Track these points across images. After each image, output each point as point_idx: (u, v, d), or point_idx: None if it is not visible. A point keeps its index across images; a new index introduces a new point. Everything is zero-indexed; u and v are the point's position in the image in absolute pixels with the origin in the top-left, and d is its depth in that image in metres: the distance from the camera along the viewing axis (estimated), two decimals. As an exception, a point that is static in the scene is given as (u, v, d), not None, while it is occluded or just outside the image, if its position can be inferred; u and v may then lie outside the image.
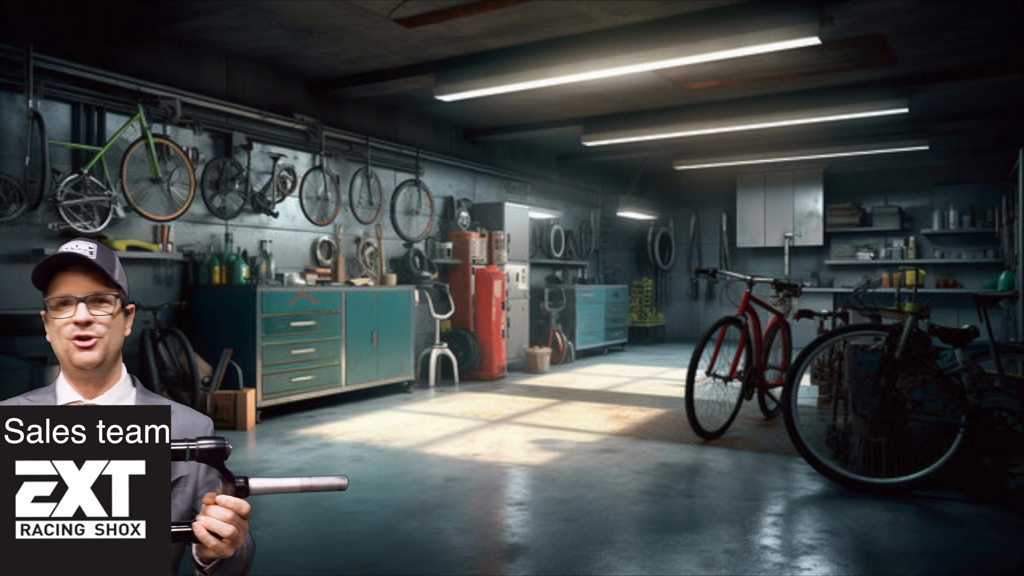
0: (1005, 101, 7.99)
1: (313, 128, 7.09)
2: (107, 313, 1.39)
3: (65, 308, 1.37)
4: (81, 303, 1.37)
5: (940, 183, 11.70)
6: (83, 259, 1.37)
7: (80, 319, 1.36)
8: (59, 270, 1.38)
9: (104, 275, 1.39)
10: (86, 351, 1.37)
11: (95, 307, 1.38)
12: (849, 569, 3.14)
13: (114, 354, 1.42)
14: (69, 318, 1.36)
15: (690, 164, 11.03)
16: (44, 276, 1.38)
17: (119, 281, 1.43)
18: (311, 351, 6.37)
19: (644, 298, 13.30)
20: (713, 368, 5.64)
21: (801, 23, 5.05)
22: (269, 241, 6.74)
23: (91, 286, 1.38)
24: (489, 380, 8.54)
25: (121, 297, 1.43)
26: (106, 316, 1.39)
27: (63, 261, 1.37)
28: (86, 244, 1.39)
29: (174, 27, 5.72)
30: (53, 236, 5.17)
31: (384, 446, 5.23)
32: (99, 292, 1.39)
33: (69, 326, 1.36)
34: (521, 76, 6.19)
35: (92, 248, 1.39)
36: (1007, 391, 4.01)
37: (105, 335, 1.39)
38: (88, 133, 5.43)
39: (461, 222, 9.11)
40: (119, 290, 1.42)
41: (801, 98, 7.59)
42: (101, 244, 1.42)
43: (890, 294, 10.70)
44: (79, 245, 1.38)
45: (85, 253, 1.37)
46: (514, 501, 4.11)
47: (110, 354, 1.40)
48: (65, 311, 1.37)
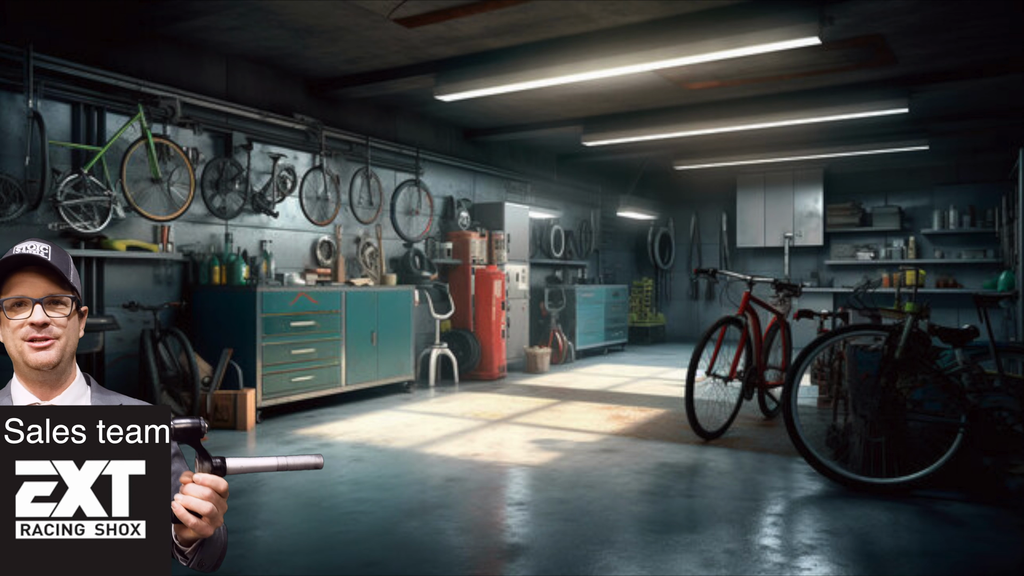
0: (1005, 101, 7.99)
1: (313, 128, 7.09)
2: (63, 315, 1.39)
3: (20, 309, 1.36)
4: (37, 304, 1.36)
5: (940, 183, 11.70)
6: (39, 260, 1.36)
7: (36, 320, 1.35)
8: (14, 271, 1.37)
9: (60, 276, 1.38)
10: (42, 351, 1.36)
11: (51, 308, 1.37)
12: (849, 569, 3.14)
13: (70, 355, 1.41)
14: (25, 319, 1.35)
15: (690, 164, 11.03)
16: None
17: (74, 283, 1.42)
18: (311, 351, 6.37)
19: (644, 298, 13.31)
20: (713, 368, 5.64)
21: (801, 23, 5.05)
22: (269, 241, 6.74)
23: (47, 287, 1.37)
24: (489, 380, 8.53)
25: (76, 299, 1.42)
26: (62, 318, 1.38)
27: (18, 262, 1.36)
28: (41, 245, 1.38)
29: (174, 27, 5.72)
30: (53, 236, 5.17)
31: (384, 446, 5.23)
32: (55, 294, 1.38)
33: (24, 327, 1.35)
34: (521, 76, 6.19)
35: (47, 249, 1.38)
36: (1007, 391, 4.01)
37: (62, 336, 1.38)
38: (88, 133, 5.43)
39: (461, 222, 9.11)
40: (74, 292, 1.41)
41: (801, 98, 7.58)
42: (55, 245, 1.42)
43: (890, 294, 10.69)
44: (34, 246, 1.37)
45: (40, 254, 1.36)
46: (514, 501, 4.11)
47: (66, 355, 1.39)
48: (20, 312, 1.36)
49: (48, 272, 1.38)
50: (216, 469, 1.21)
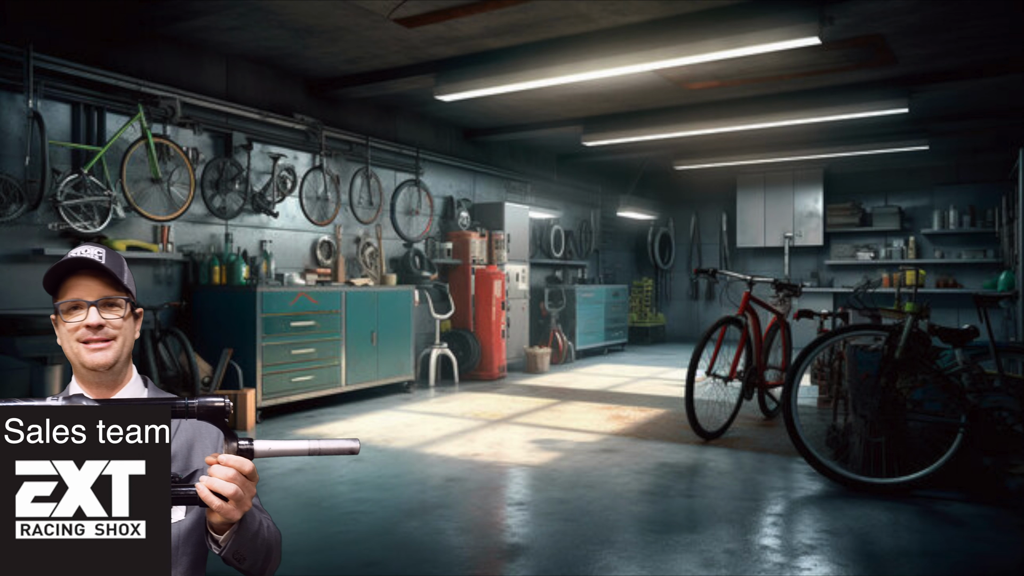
0: (1005, 101, 7.99)
1: (313, 128, 7.09)
2: (118, 316, 1.42)
3: (76, 312, 1.40)
4: (92, 307, 1.39)
5: (940, 183, 11.69)
6: (93, 263, 1.39)
7: (91, 323, 1.38)
8: (69, 274, 1.41)
9: (114, 279, 1.41)
10: (98, 352, 1.39)
11: (105, 311, 1.40)
12: (849, 569, 3.14)
13: (125, 356, 1.44)
14: (80, 322, 1.39)
15: (690, 164, 11.03)
16: (54, 281, 1.41)
17: (128, 285, 1.45)
18: (311, 351, 6.37)
19: (644, 298, 13.30)
20: (713, 368, 5.64)
21: (801, 23, 5.05)
22: (269, 241, 6.74)
23: (101, 290, 1.40)
24: (489, 380, 8.53)
25: (130, 300, 1.45)
26: (117, 319, 1.41)
27: (73, 266, 1.39)
28: (95, 249, 1.42)
29: (174, 27, 5.72)
30: (53, 236, 5.17)
31: (384, 446, 5.23)
32: (109, 296, 1.41)
33: (80, 330, 1.39)
34: (521, 76, 6.19)
35: (101, 252, 1.42)
36: (1007, 391, 4.01)
37: (117, 337, 1.41)
38: (88, 133, 5.43)
39: (461, 222, 9.11)
40: (128, 294, 1.45)
41: (801, 98, 7.58)
42: (110, 248, 1.46)
43: (890, 294, 10.69)
44: (88, 250, 1.41)
45: (94, 257, 1.39)
46: (514, 501, 4.11)
47: (122, 356, 1.43)
48: (76, 315, 1.39)
49: (102, 275, 1.41)
50: (242, 451, 1.20)
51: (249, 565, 1.32)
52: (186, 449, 1.42)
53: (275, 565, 1.41)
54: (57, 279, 1.40)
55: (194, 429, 1.43)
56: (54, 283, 1.41)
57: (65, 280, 1.41)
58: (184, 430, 1.43)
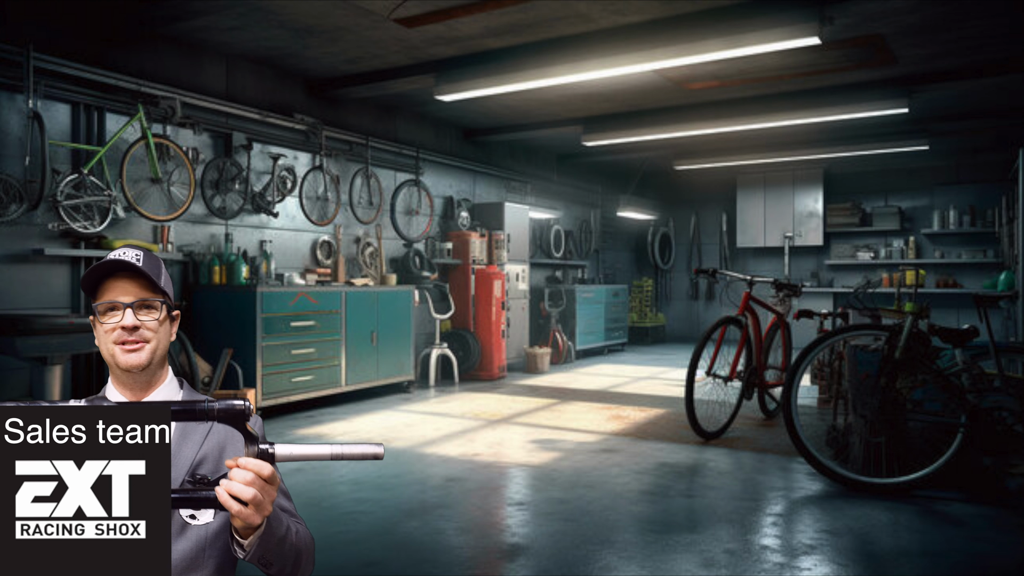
0: (1005, 101, 7.99)
1: (313, 128, 7.09)
2: (154, 319, 1.43)
3: (113, 313, 1.42)
4: (128, 309, 1.41)
5: (940, 183, 11.69)
6: (130, 266, 1.41)
7: (127, 324, 1.40)
8: (107, 276, 1.42)
9: (151, 281, 1.43)
10: (132, 353, 1.41)
11: (142, 312, 1.42)
12: (849, 569, 3.14)
13: (160, 358, 1.45)
14: (116, 323, 1.40)
15: (690, 164, 11.02)
16: (93, 282, 1.42)
17: (165, 287, 1.46)
18: (311, 351, 6.37)
19: (644, 298, 13.30)
20: (713, 368, 5.64)
21: (801, 23, 5.05)
22: (269, 241, 6.73)
23: (138, 292, 1.42)
24: (489, 380, 8.53)
25: (167, 303, 1.47)
26: (153, 321, 1.43)
27: (111, 267, 1.41)
28: (133, 251, 1.43)
29: (174, 27, 5.72)
30: (53, 236, 5.17)
31: (384, 446, 5.22)
32: (146, 298, 1.42)
33: (116, 331, 1.40)
34: (521, 76, 6.19)
35: (139, 255, 1.43)
36: (1007, 391, 4.01)
37: (152, 339, 1.43)
38: (88, 133, 5.43)
39: (461, 222, 9.11)
40: (165, 296, 1.46)
41: (801, 98, 7.58)
42: (148, 251, 1.47)
43: (890, 294, 10.69)
44: (127, 252, 1.42)
45: (132, 260, 1.41)
46: (514, 501, 4.11)
47: (156, 358, 1.44)
48: (113, 316, 1.41)
49: (139, 277, 1.43)
50: (262, 454, 1.19)
51: (277, 570, 1.32)
52: (217, 452, 1.42)
53: (309, 569, 1.42)
54: (96, 280, 1.42)
55: (226, 432, 1.43)
56: (92, 284, 1.43)
57: (103, 282, 1.42)
58: (216, 432, 1.43)
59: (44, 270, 5.21)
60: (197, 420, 1.16)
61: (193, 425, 1.42)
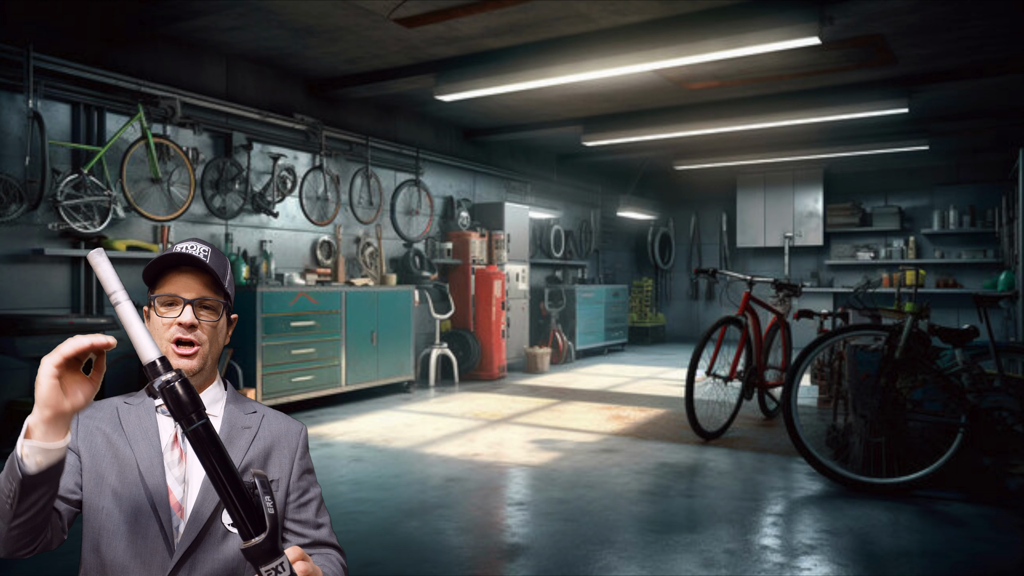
0: (1005, 101, 7.99)
1: (313, 128, 7.09)
2: (212, 320, 1.37)
3: (172, 308, 1.35)
4: (188, 305, 1.34)
5: (940, 183, 11.69)
6: (197, 261, 1.34)
7: (184, 321, 1.33)
8: (171, 268, 1.35)
9: (215, 280, 1.37)
10: (185, 359, 1.34)
11: (201, 311, 1.36)
12: (849, 569, 3.14)
13: (212, 362, 1.39)
14: (174, 319, 1.33)
15: (690, 164, 11.02)
16: (156, 272, 1.36)
17: (228, 288, 1.40)
18: (311, 351, 6.37)
19: (644, 298, 13.30)
20: (713, 368, 5.65)
21: (801, 23, 5.05)
22: (269, 241, 6.73)
23: (200, 289, 1.35)
24: (489, 380, 8.53)
25: (228, 305, 1.40)
26: (210, 323, 1.36)
27: (176, 260, 1.34)
28: (202, 246, 1.37)
29: (174, 27, 5.72)
30: (53, 236, 5.17)
31: (384, 446, 5.23)
32: (207, 297, 1.36)
33: (173, 327, 1.33)
34: (521, 76, 6.19)
35: (207, 251, 1.37)
36: (1007, 391, 4.01)
37: (206, 344, 1.36)
38: (88, 133, 5.43)
39: (461, 222, 9.11)
40: (227, 298, 1.40)
41: (801, 98, 7.58)
42: (216, 248, 1.40)
43: (890, 294, 10.71)
44: (195, 246, 1.36)
45: (200, 255, 1.35)
46: (514, 501, 4.11)
47: (208, 362, 1.38)
48: (171, 311, 1.34)
49: (204, 274, 1.36)
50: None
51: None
52: (263, 457, 1.38)
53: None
54: (158, 271, 1.35)
55: (272, 437, 1.39)
56: (154, 275, 1.36)
57: (166, 273, 1.35)
58: (262, 437, 1.39)
59: (44, 270, 5.21)
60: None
61: (239, 428, 1.38)
